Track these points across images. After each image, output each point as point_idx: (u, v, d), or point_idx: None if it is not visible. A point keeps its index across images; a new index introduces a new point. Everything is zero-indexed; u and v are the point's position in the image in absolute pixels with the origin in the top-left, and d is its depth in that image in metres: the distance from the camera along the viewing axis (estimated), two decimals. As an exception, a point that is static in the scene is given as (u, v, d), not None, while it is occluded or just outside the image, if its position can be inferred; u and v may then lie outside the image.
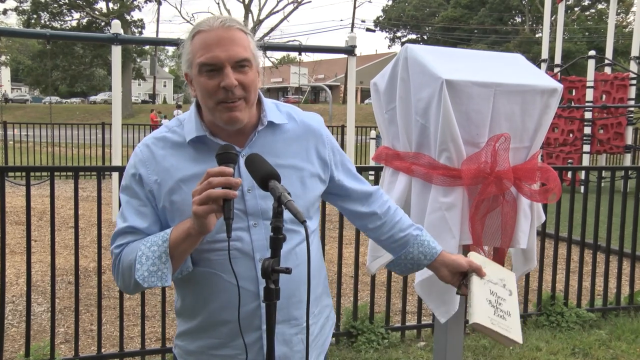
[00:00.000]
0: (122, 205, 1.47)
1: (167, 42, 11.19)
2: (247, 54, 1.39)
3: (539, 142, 2.08)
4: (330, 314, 1.69)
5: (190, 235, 1.33)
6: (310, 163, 1.52)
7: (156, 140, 1.48)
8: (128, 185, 1.46)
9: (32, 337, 3.72)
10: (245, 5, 41.07)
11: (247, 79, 1.39)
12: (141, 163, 1.45)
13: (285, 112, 1.54)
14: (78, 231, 3.50)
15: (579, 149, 11.35)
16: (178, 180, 1.42)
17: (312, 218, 1.54)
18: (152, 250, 1.37)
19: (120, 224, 1.45)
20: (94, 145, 13.61)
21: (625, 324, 4.37)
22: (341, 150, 1.64)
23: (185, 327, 1.54)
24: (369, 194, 1.67)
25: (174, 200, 1.42)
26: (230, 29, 1.39)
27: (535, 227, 2.16)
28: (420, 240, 1.65)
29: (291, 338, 1.49)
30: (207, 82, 1.38)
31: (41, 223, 7.85)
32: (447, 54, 2.13)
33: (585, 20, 50.59)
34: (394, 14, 59.14)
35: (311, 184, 1.51)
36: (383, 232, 1.67)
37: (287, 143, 1.50)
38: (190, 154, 1.44)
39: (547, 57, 12.26)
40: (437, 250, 1.65)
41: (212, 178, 1.27)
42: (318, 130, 1.57)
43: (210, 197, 1.25)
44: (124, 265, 1.41)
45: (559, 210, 4.51)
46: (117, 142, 8.45)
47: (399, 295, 4.40)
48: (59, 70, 37.85)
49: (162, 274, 1.37)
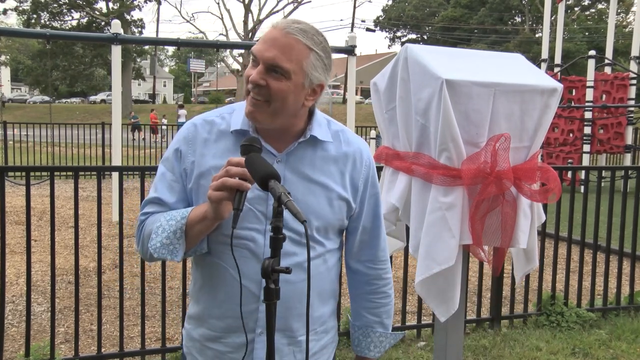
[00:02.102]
0: (157, 175, 1.51)
1: (167, 42, 11.22)
2: (287, 64, 1.35)
3: (539, 142, 2.08)
4: (335, 337, 1.66)
5: (206, 218, 1.36)
6: (342, 187, 1.50)
7: (205, 123, 1.50)
8: (168, 157, 1.50)
9: (32, 337, 3.72)
10: (245, 5, 41.10)
11: (275, 86, 1.36)
12: (185, 141, 1.48)
13: (334, 131, 1.52)
14: (78, 231, 3.50)
15: (579, 148, 11.35)
16: (210, 166, 1.45)
17: (331, 239, 1.52)
18: (170, 224, 1.41)
19: (151, 193, 1.50)
20: (94, 145, 13.61)
21: (625, 323, 4.37)
22: (377, 191, 1.60)
23: (192, 310, 1.57)
24: (375, 254, 1.62)
25: (201, 184, 1.45)
26: (288, 35, 1.35)
27: (536, 227, 2.16)
28: (373, 336, 1.66)
29: (282, 348, 1.49)
30: (248, 70, 1.40)
31: (41, 223, 7.85)
32: (447, 53, 2.13)
33: (585, 20, 50.59)
34: (394, 13, 59.14)
35: (338, 206, 1.50)
36: (358, 293, 1.67)
37: (325, 161, 1.49)
38: (229, 144, 1.46)
39: (547, 57, 12.26)
40: (364, 354, 1.66)
41: (230, 167, 1.29)
42: (360, 158, 1.54)
43: (225, 185, 1.28)
44: (145, 233, 1.47)
45: (559, 210, 4.51)
46: (117, 142, 8.45)
47: (399, 295, 4.40)
48: (59, 70, 37.89)
49: (173, 248, 1.40)
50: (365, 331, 1.66)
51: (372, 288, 1.64)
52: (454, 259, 1.98)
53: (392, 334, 1.68)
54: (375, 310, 1.65)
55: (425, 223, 1.99)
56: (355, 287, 1.67)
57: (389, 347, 1.69)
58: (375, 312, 1.65)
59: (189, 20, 68.79)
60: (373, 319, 1.65)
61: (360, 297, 1.66)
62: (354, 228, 1.58)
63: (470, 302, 4.82)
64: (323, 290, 1.53)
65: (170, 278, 5.26)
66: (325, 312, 1.57)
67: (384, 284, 1.64)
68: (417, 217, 2.06)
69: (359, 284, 1.65)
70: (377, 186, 1.60)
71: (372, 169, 1.57)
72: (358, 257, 1.62)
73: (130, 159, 13.72)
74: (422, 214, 2.03)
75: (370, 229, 1.60)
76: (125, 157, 11.05)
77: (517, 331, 4.27)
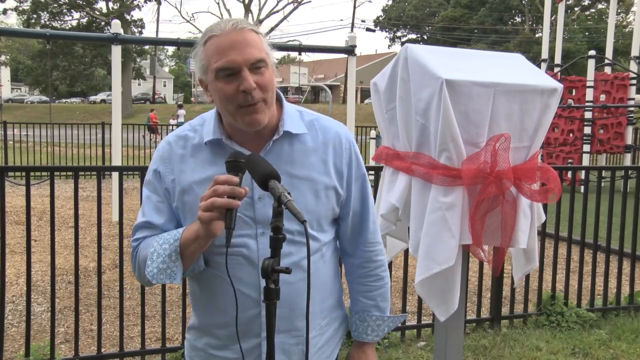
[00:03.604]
0: (142, 199, 1.52)
1: (167, 42, 11.21)
2: (262, 54, 1.38)
3: (539, 142, 2.07)
4: (342, 324, 1.66)
5: (199, 238, 1.35)
6: (327, 175, 1.48)
7: (178, 139, 1.50)
8: (150, 179, 1.51)
9: (32, 337, 3.72)
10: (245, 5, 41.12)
11: (265, 79, 1.38)
12: (161, 160, 1.49)
13: (308, 121, 1.51)
14: (78, 231, 3.50)
15: (579, 148, 11.35)
16: (192, 181, 1.44)
17: (326, 231, 1.52)
18: (164, 248, 1.40)
19: (139, 217, 1.50)
20: (94, 145, 13.62)
21: (625, 323, 4.37)
22: (363, 171, 1.58)
23: (193, 321, 1.57)
24: (366, 236, 1.61)
25: (185, 201, 1.45)
26: (242, 31, 1.37)
27: (536, 227, 2.16)
28: (369, 320, 1.65)
29: (290, 348, 1.49)
30: (225, 87, 1.36)
31: (41, 223, 7.85)
32: (447, 53, 2.13)
33: (585, 20, 50.59)
34: (394, 13, 59.13)
35: (325, 197, 1.48)
36: (354, 277, 1.67)
37: (305, 154, 1.47)
38: (206, 156, 1.46)
39: (547, 57, 12.26)
40: (362, 339, 1.66)
41: (217, 186, 1.28)
42: (339, 143, 1.52)
43: (214, 205, 1.27)
44: (140, 259, 1.46)
45: (559, 210, 4.51)
46: (117, 142, 8.45)
47: (399, 295, 4.40)
48: (59, 70, 37.85)
49: (171, 272, 1.39)
50: (361, 316, 1.66)
51: (365, 271, 1.64)
52: (454, 259, 1.97)
53: (389, 317, 1.67)
54: (369, 293, 1.65)
55: (425, 223, 1.99)
56: (350, 272, 1.68)
57: (388, 330, 1.68)
58: (369, 295, 1.65)
59: (189, 20, 69.04)
60: (369, 303, 1.65)
61: (354, 282, 1.67)
62: (345, 214, 1.57)
63: (470, 302, 4.82)
64: (323, 285, 1.54)
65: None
66: (327, 306, 1.57)
67: (376, 267, 1.64)
68: (417, 217, 2.05)
69: (352, 268, 1.66)
70: (362, 167, 1.58)
71: (353, 150, 1.55)
72: (350, 242, 1.62)
73: (130, 159, 13.72)
74: (422, 214, 2.03)
75: (360, 212, 1.59)
76: (125, 157, 11.04)
77: (517, 331, 4.27)
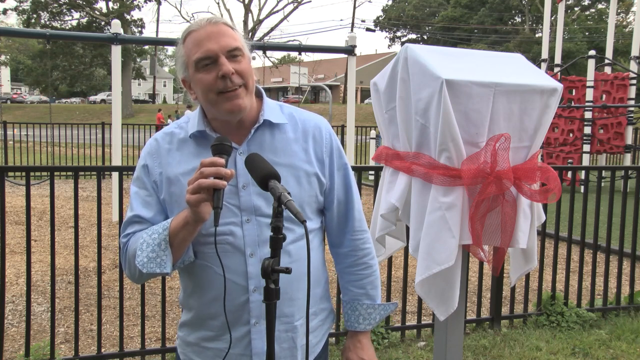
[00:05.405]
0: (131, 195, 1.54)
1: (167, 42, 11.20)
2: (237, 43, 1.45)
3: (539, 142, 2.07)
4: (328, 317, 1.68)
5: (187, 224, 1.37)
6: (308, 163, 1.53)
7: (165, 135, 1.55)
8: (138, 176, 1.53)
9: (32, 337, 3.72)
10: (245, 5, 41.08)
11: (242, 66, 1.44)
12: (149, 155, 1.53)
13: (288, 114, 1.57)
14: (78, 231, 3.50)
15: (579, 148, 11.35)
16: (178, 173, 1.48)
17: (311, 219, 1.55)
18: (153, 237, 1.41)
19: (128, 213, 1.52)
20: (94, 145, 13.62)
21: (625, 323, 4.37)
22: (345, 161, 1.62)
23: (185, 318, 1.59)
24: (352, 224, 1.64)
25: (172, 192, 1.48)
26: (217, 24, 1.45)
27: (535, 227, 2.16)
28: (360, 309, 1.67)
29: (279, 335, 1.50)
30: (205, 76, 1.43)
31: (41, 223, 7.85)
32: (447, 53, 2.13)
33: (585, 20, 50.58)
34: (394, 13, 59.14)
35: (307, 183, 1.52)
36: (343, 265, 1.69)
37: (286, 142, 1.52)
38: (191, 149, 1.50)
39: (547, 57, 12.26)
40: (354, 328, 1.67)
41: (204, 168, 1.31)
42: (319, 133, 1.57)
43: (201, 187, 1.29)
44: (129, 253, 1.47)
45: (559, 210, 4.51)
46: (117, 142, 8.45)
47: (399, 295, 4.40)
48: (59, 70, 37.84)
49: (160, 261, 1.40)
50: (352, 305, 1.67)
51: (353, 260, 1.66)
52: (453, 259, 1.97)
53: (380, 305, 1.69)
54: (358, 282, 1.67)
55: (425, 223, 1.99)
56: (338, 262, 1.70)
57: (380, 319, 1.70)
58: (358, 284, 1.67)
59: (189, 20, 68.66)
60: (358, 292, 1.67)
61: (344, 272, 1.69)
62: (330, 202, 1.61)
63: (470, 302, 4.82)
64: (312, 270, 1.54)
65: (170, 278, 5.26)
66: (314, 294, 1.59)
67: (363, 255, 1.66)
68: (417, 217, 2.05)
69: (340, 258, 1.68)
70: (343, 157, 1.62)
71: (333, 141, 1.60)
72: (337, 231, 1.65)
73: (130, 159, 13.73)
74: (422, 214, 2.03)
75: (345, 200, 1.62)
76: (125, 157, 11.05)
77: (517, 331, 4.27)
